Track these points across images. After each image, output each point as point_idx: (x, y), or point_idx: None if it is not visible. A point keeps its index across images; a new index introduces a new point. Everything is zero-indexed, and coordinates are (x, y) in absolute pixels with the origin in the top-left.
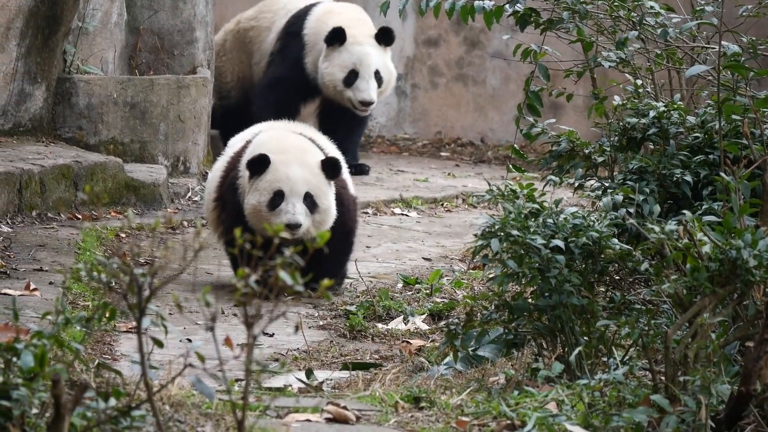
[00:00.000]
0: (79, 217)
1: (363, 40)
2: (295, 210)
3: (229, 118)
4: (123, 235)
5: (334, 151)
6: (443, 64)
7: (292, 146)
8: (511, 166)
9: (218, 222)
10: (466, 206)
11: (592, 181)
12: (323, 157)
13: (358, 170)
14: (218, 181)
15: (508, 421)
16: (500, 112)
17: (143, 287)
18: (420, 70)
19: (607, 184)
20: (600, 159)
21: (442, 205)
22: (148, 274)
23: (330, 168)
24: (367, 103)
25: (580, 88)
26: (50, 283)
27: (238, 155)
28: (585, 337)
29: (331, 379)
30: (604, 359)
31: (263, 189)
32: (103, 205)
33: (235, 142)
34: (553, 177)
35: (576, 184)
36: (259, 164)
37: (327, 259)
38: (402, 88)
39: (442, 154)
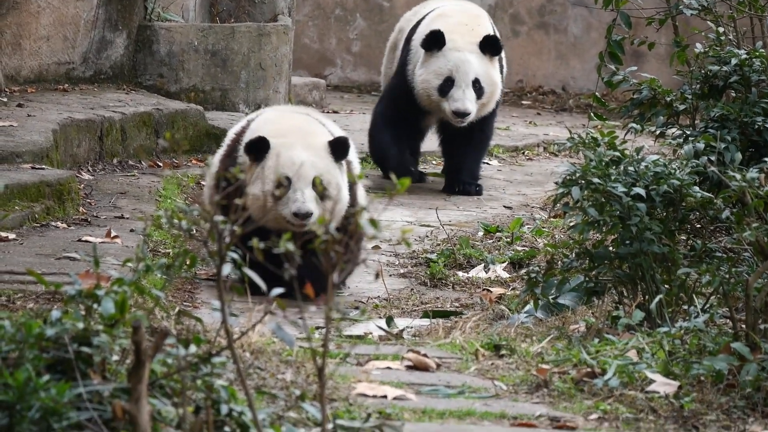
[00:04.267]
0: (160, 164)
1: (464, 46)
2: (304, 197)
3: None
4: (204, 183)
5: (338, 133)
6: (525, 12)
7: (294, 128)
8: (592, 114)
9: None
10: (548, 154)
11: (673, 129)
12: (330, 138)
13: (464, 190)
14: (218, 167)
15: (589, 369)
16: (582, 60)
17: (224, 234)
18: (501, 19)
19: (688, 132)
20: (681, 107)
21: (524, 153)
22: (229, 221)
23: (338, 149)
24: (461, 114)
25: (662, 36)
26: (131, 230)
27: (237, 140)
28: (666, 285)
29: (412, 327)
30: (685, 307)
31: (266, 176)
32: (183, 153)
33: (235, 127)
34: (634, 125)
35: (657, 132)
36: (259, 148)
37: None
38: None
39: (524, 102)
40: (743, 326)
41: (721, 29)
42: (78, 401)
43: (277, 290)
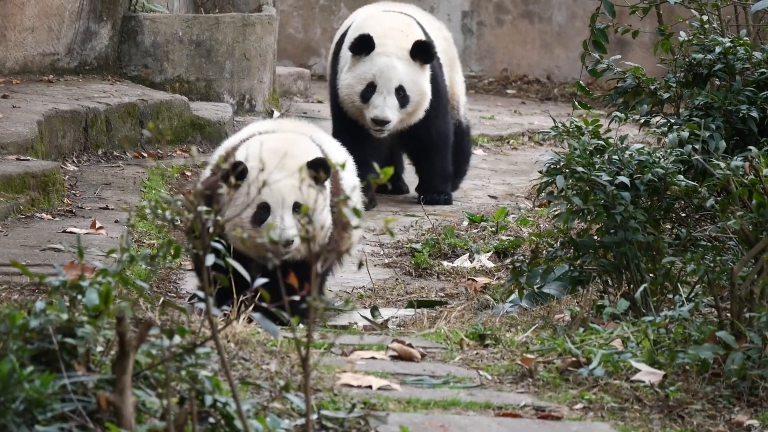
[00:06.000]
0: (145, 155)
1: (392, 51)
2: (284, 224)
3: None
4: (188, 173)
5: (337, 153)
6: (509, 1)
7: (274, 150)
8: (577, 102)
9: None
10: (533, 144)
11: (657, 118)
12: (309, 159)
13: (430, 200)
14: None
15: (573, 358)
16: (566, 49)
17: (207, 224)
18: (486, 8)
19: (672, 121)
20: (666, 95)
21: (508, 142)
22: (213, 211)
23: (318, 171)
24: (379, 122)
25: (646, 24)
26: (116, 221)
27: (222, 162)
28: (650, 274)
29: (396, 317)
30: (670, 296)
31: (244, 203)
32: (168, 143)
33: (229, 144)
34: (618, 113)
35: (642, 121)
36: (237, 174)
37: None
38: (468, 25)
39: (509, 91)
40: (728, 315)
41: (705, 17)
42: (62, 392)
43: (261, 280)
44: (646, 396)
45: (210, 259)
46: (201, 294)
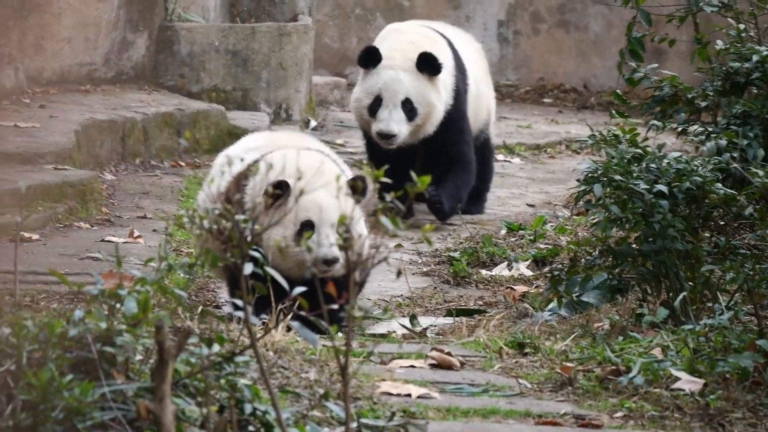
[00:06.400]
0: (182, 164)
1: (399, 64)
2: (330, 242)
3: None
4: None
5: (347, 169)
6: (545, 10)
7: (312, 168)
8: (614, 111)
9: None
10: (570, 152)
11: (695, 126)
12: (349, 177)
13: (433, 207)
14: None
15: (613, 367)
16: (603, 58)
17: (245, 233)
18: (522, 17)
19: (710, 129)
20: (703, 104)
21: (546, 151)
22: (250, 219)
23: (358, 189)
24: (384, 135)
25: (683, 33)
26: (154, 230)
27: (243, 176)
28: (690, 283)
29: (435, 325)
30: (709, 304)
31: (287, 220)
32: (205, 152)
33: (234, 157)
34: (656, 122)
35: (679, 129)
36: (279, 191)
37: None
38: (504, 34)
39: (545, 100)
40: None
41: (741, 26)
42: (102, 401)
43: (300, 289)
44: (686, 404)
45: (248, 268)
46: (239, 302)
